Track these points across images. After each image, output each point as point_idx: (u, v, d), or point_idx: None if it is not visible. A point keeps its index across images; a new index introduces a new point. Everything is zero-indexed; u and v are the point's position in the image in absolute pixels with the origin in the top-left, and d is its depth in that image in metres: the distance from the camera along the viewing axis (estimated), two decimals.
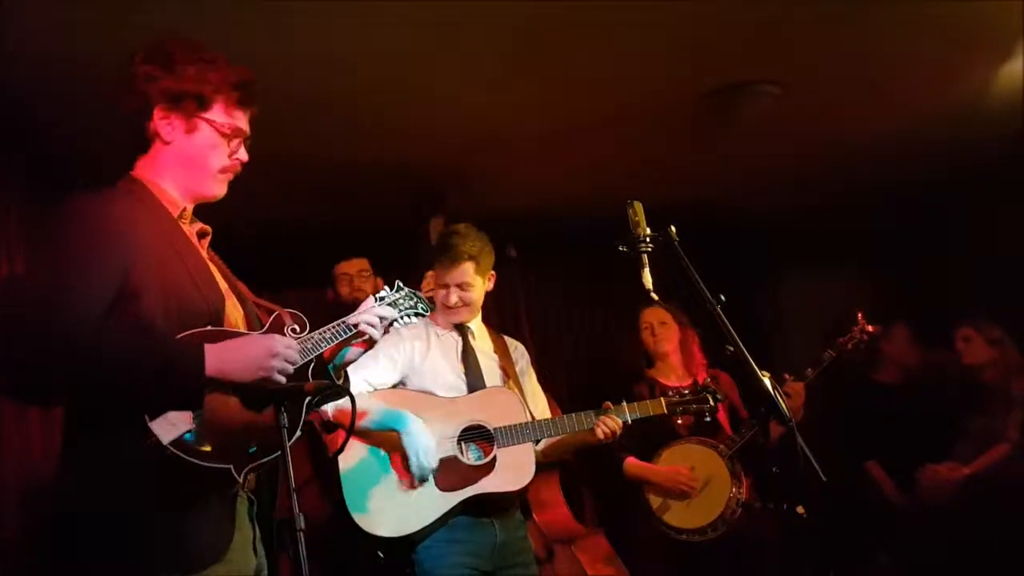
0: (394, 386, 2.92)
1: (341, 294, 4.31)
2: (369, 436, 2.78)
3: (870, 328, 3.98)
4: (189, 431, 1.65)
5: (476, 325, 3.10)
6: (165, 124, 1.88)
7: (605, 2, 3.10)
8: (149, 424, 1.63)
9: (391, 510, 2.72)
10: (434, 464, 2.72)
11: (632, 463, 3.85)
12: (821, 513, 2.26)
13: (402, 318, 2.21)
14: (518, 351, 3.19)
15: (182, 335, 1.72)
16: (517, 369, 3.11)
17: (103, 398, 1.67)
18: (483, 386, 2.94)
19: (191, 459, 1.64)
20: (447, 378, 2.94)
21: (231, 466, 1.68)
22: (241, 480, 1.70)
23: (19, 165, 3.58)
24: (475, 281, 2.97)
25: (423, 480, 2.72)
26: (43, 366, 1.62)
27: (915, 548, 4.38)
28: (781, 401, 2.14)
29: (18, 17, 2.78)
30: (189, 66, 1.88)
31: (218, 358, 1.69)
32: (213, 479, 1.69)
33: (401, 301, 2.23)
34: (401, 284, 2.29)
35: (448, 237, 2.99)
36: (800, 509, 2.21)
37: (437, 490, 2.74)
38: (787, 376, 3.83)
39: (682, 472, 3.76)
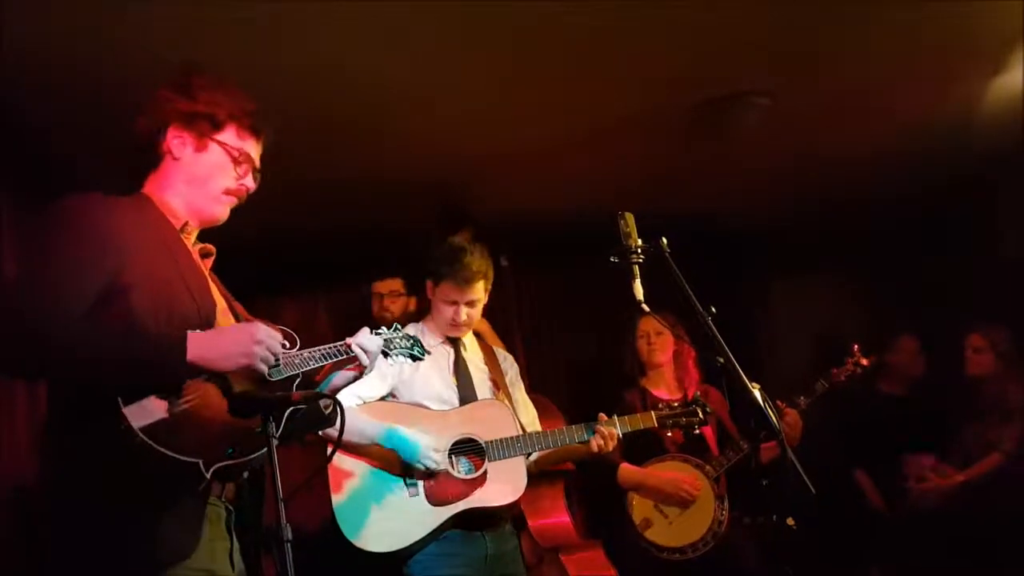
0: (383, 398, 2.88)
1: (373, 312, 4.43)
2: (363, 452, 2.75)
3: (864, 361, 3.99)
4: (163, 420, 1.65)
5: (467, 337, 3.07)
6: (177, 142, 1.96)
7: (601, 13, 3.10)
8: (123, 409, 1.63)
9: (382, 526, 2.68)
10: (441, 460, 2.70)
11: (628, 468, 3.84)
12: (813, 524, 2.27)
13: (393, 353, 2.19)
14: (507, 361, 3.16)
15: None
16: (507, 380, 3.08)
17: (81, 380, 1.69)
18: (475, 398, 2.91)
19: (160, 448, 1.63)
20: (438, 391, 2.90)
21: (200, 461, 1.66)
22: (208, 475, 1.68)
23: (12, 168, 3.57)
24: (483, 297, 2.96)
25: (434, 471, 2.71)
26: (22, 346, 1.64)
27: (907, 560, 4.38)
28: (771, 413, 2.13)
29: (13, 22, 2.77)
30: (205, 92, 1.97)
31: (200, 344, 1.71)
32: (181, 473, 1.67)
33: (396, 341, 2.22)
34: (399, 326, 2.29)
35: (459, 254, 2.91)
36: (790, 521, 2.21)
37: (428, 504, 2.72)
38: (780, 403, 3.82)
39: (685, 479, 3.75)
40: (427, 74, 3.45)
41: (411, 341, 2.27)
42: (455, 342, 3.01)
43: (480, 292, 2.92)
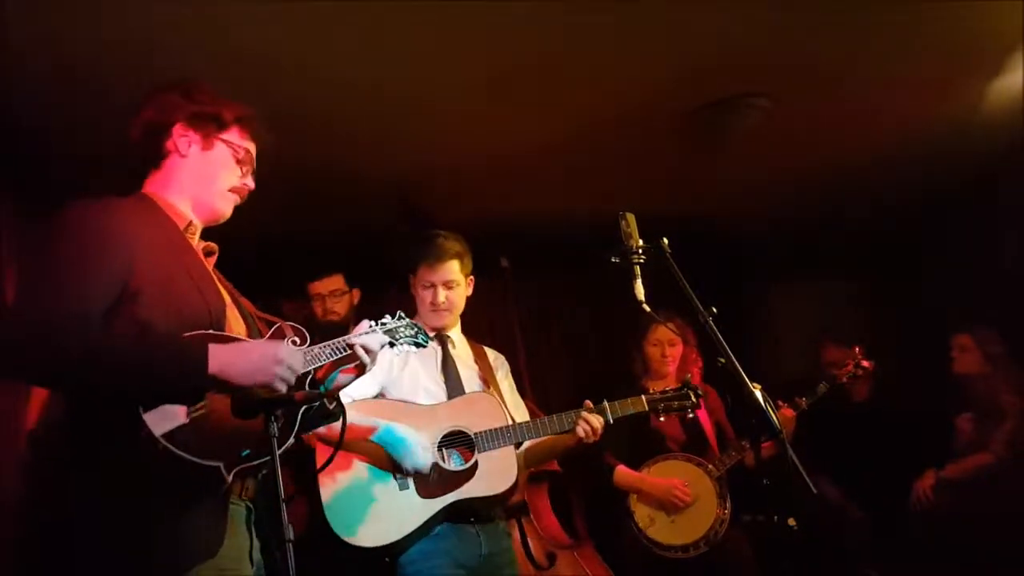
0: (374, 397, 2.88)
1: (316, 314, 4.24)
2: (351, 448, 2.74)
3: (866, 363, 4.00)
4: (182, 426, 1.67)
5: (456, 334, 3.07)
6: (183, 139, 1.99)
7: (601, 15, 3.11)
8: (143, 416, 1.64)
9: (372, 521, 2.67)
10: (428, 460, 2.69)
11: (624, 471, 3.85)
12: (812, 524, 2.27)
13: (399, 343, 2.21)
14: (498, 360, 3.15)
15: (184, 335, 1.75)
16: (497, 378, 3.07)
17: (104, 391, 1.69)
18: (463, 395, 2.90)
19: (181, 453, 1.65)
20: (427, 388, 2.91)
21: (220, 464, 1.69)
22: (229, 478, 1.71)
23: (9, 174, 3.56)
24: (460, 280, 2.98)
25: (421, 471, 2.69)
26: (46, 361, 1.65)
27: (901, 561, 4.39)
28: (772, 413, 2.13)
29: (10, 25, 2.77)
30: (208, 96, 2.03)
31: (222, 358, 1.72)
32: (203, 476, 1.70)
33: (401, 330, 2.25)
34: (403, 314, 2.32)
35: (432, 237, 2.99)
36: (791, 521, 2.21)
37: (419, 498, 2.70)
38: (780, 403, 3.82)
39: (678, 486, 3.75)
40: (424, 75, 3.45)
41: (415, 329, 2.31)
42: (442, 339, 3.01)
43: (455, 273, 2.95)
